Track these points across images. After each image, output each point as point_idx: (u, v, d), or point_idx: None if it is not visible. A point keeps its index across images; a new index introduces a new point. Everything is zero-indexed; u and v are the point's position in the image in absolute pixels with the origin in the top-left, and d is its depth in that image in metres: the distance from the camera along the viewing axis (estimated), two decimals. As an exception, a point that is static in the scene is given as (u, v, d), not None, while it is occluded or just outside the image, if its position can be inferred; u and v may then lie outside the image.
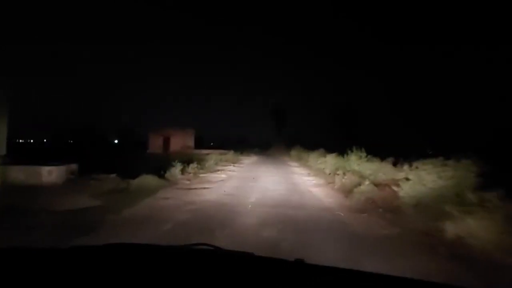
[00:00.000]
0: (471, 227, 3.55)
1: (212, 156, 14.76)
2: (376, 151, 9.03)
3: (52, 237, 3.54)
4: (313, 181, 10.00)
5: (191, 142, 30.87)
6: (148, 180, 7.61)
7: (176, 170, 9.14)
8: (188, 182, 8.75)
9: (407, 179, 5.59)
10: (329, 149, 14.28)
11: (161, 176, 8.42)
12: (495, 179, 4.15)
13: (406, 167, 6.06)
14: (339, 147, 12.51)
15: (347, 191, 7.20)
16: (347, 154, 10.45)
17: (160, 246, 1.03)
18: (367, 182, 6.87)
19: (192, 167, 10.53)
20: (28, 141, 46.33)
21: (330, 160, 11.74)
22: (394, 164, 7.51)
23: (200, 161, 12.51)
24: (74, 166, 8.32)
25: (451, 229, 3.75)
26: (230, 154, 20.75)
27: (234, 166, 15.75)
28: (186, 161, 10.84)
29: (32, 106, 56.45)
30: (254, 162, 21.13)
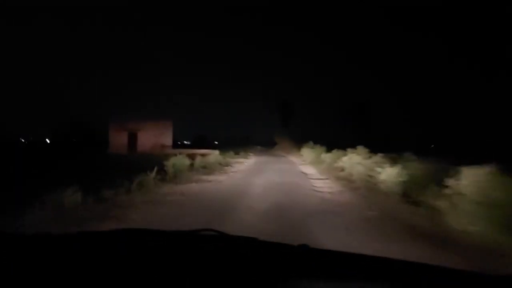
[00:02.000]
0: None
1: (181, 160, 9.27)
2: (385, 146, 9.05)
3: None
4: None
5: (167, 138, 22.76)
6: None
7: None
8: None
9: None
10: (341, 145, 13.52)
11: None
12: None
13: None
14: (349, 142, 12.84)
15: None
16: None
17: (165, 232, 1.04)
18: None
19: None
20: None
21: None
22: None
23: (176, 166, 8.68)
24: None
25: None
26: (216, 155, 14.34)
27: (220, 175, 10.02)
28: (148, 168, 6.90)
29: None
30: (250, 168, 13.26)
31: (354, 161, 9.21)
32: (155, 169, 7.04)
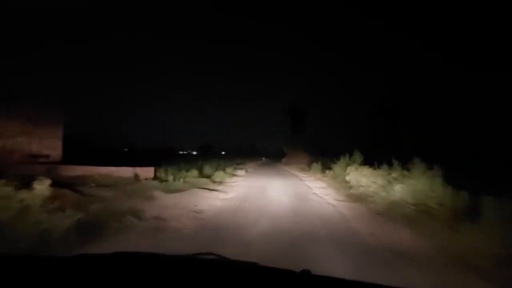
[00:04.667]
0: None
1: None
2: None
3: None
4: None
5: (54, 145, 10.71)
6: None
7: None
8: None
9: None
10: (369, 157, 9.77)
11: None
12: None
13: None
14: (378, 153, 9.22)
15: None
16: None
17: (165, 256, 1.02)
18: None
19: None
20: None
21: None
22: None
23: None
24: None
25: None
26: (148, 181, 8.27)
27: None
28: None
29: None
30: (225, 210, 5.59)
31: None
32: None
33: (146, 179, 8.79)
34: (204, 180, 10.05)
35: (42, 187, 3.86)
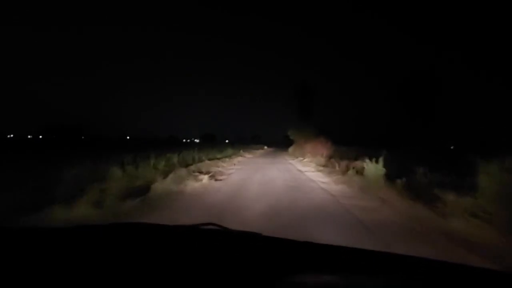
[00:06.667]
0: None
1: None
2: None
3: None
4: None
5: None
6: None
7: None
8: None
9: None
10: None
11: None
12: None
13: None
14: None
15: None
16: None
17: (168, 226, 1.02)
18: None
19: None
20: None
21: None
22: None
23: None
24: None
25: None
26: None
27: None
28: None
29: None
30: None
31: None
32: None
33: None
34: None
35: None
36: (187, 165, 9.77)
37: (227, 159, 14.63)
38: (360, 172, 7.62)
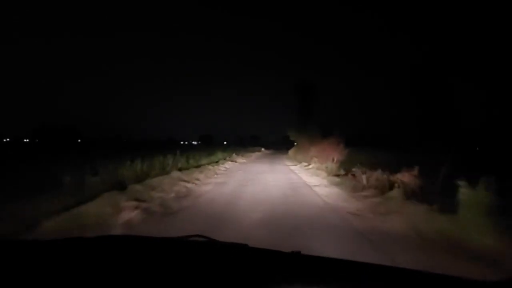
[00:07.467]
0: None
1: None
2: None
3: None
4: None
5: None
6: None
7: None
8: None
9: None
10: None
11: None
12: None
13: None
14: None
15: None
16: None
17: (154, 238, 1.02)
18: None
19: None
20: None
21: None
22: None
23: None
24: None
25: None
26: None
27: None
28: None
29: None
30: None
31: None
32: None
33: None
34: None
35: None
36: (139, 181, 6.16)
37: (210, 167, 11.50)
38: (412, 190, 4.69)
